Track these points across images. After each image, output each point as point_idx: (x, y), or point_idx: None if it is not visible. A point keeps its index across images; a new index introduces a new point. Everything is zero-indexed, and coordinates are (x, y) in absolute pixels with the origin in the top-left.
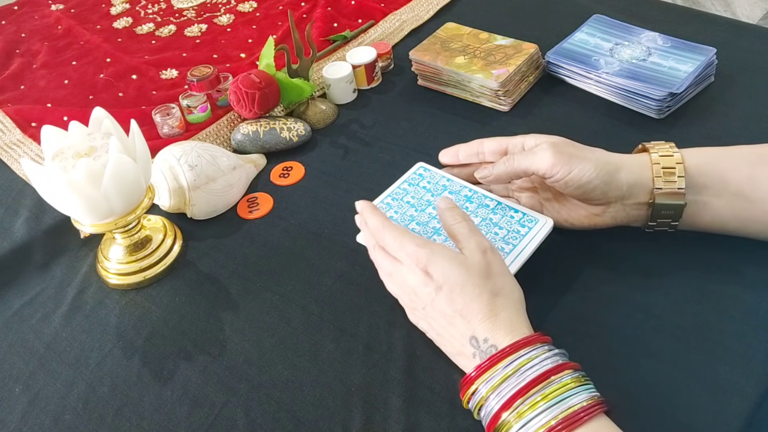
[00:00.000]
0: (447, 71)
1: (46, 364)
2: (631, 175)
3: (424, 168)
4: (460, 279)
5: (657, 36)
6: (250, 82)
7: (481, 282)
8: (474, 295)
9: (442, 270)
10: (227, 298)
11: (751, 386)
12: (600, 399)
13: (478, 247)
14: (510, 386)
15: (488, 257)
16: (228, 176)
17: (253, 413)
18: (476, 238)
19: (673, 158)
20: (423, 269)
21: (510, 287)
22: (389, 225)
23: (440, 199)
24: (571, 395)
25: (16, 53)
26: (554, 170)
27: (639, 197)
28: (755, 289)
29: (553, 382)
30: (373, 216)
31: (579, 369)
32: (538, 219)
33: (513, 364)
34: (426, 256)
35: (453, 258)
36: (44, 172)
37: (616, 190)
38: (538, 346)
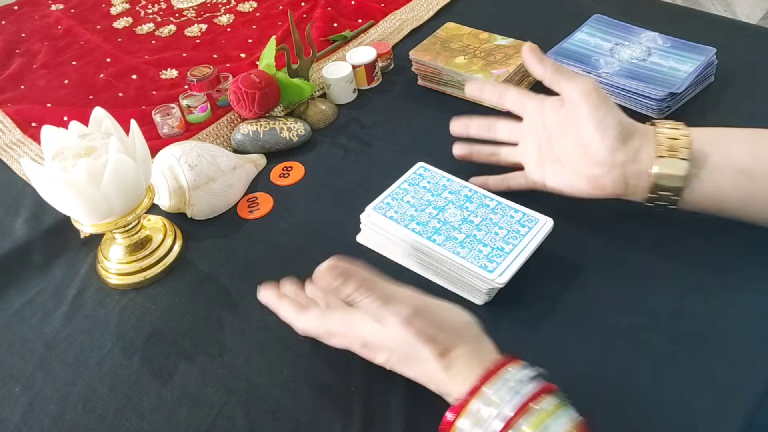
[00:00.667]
0: (447, 71)
1: (46, 364)
2: (640, 142)
3: (424, 168)
4: (400, 351)
5: (657, 36)
6: (250, 82)
7: (420, 349)
8: (420, 360)
9: (378, 344)
10: (227, 298)
11: (751, 386)
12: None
13: (399, 321)
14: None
15: (415, 325)
16: (228, 176)
17: (253, 413)
18: (392, 310)
19: (678, 131)
20: (362, 346)
21: (453, 338)
22: (303, 317)
23: (322, 273)
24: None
25: (16, 53)
26: (586, 100)
27: (642, 163)
28: (755, 289)
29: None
30: (283, 310)
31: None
32: (538, 219)
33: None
34: (358, 337)
35: (381, 333)
36: (44, 172)
37: (624, 150)
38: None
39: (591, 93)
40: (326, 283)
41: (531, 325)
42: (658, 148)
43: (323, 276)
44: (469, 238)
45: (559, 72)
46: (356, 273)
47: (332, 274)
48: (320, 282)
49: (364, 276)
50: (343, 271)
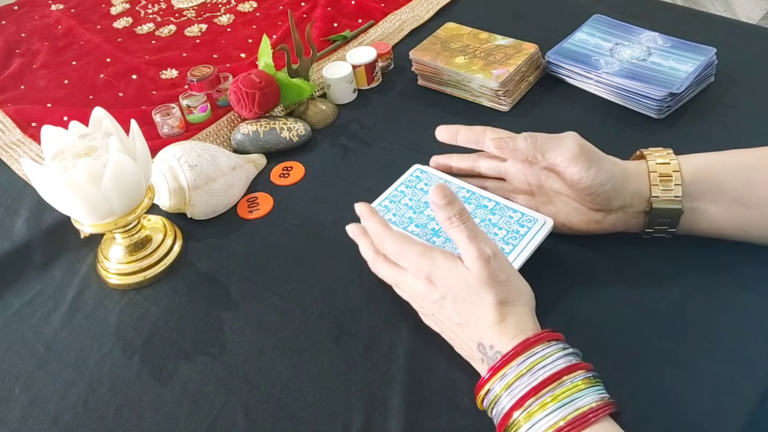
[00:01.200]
0: (447, 71)
1: (46, 364)
2: (634, 186)
3: (421, 170)
4: (463, 288)
5: (657, 36)
6: (250, 82)
7: (485, 291)
8: (478, 303)
9: (444, 279)
10: (227, 298)
11: (751, 386)
12: (609, 400)
13: (480, 256)
14: (522, 385)
15: (491, 266)
16: (228, 176)
17: (253, 413)
18: (476, 245)
19: (669, 166)
20: (426, 278)
21: (516, 293)
22: (389, 231)
23: (433, 189)
24: (581, 396)
25: (16, 53)
26: (574, 164)
27: (638, 206)
28: (755, 289)
29: (565, 382)
30: (372, 221)
31: (591, 369)
32: (537, 219)
33: (526, 362)
34: (427, 266)
35: (454, 267)
36: (44, 172)
37: (620, 200)
38: (552, 344)
39: (578, 156)
40: (435, 199)
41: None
42: (653, 188)
43: (433, 192)
44: None
45: (537, 147)
46: (457, 202)
47: (440, 193)
48: (431, 197)
49: (463, 207)
50: (448, 195)
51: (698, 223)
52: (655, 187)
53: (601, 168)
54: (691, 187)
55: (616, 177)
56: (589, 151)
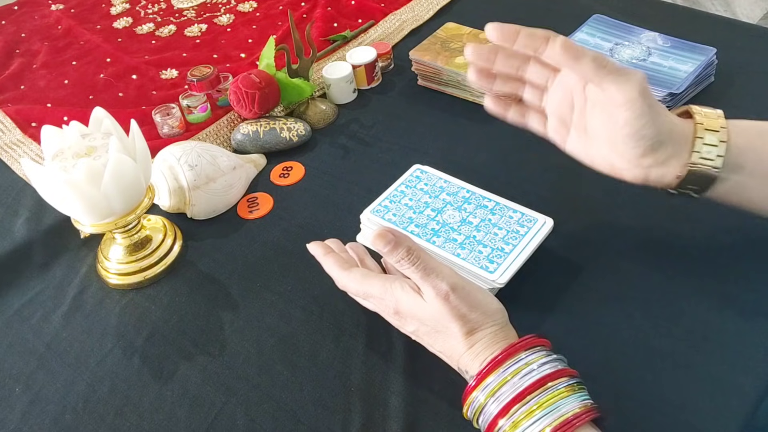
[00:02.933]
0: (447, 71)
1: (46, 364)
2: (671, 149)
3: (420, 170)
4: (430, 322)
5: (657, 36)
6: (250, 82)
7: (450, 324)
8: (447, 334)
9: (411, 314)
10: (227, 298)
11: (751, 386)
12: (592, 406)
13: (437, 294)
14: (508, 391)
15: (450, 301)
16: (228, 176)
17: (253, 413)
18: (431, 283)
19: (716, 135)
20: (395, 313)
21: (483, 318)
22: (346, 273)
23: (373, 239)
24: (564, 403)
25: (16, 53)
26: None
27: (670, 168)
28: (755, 289)
29: (549, 389)
30: (328, 263)
31: (575, 375)
32: (537, 219)
33: (511, 369)
34: (392, 303)
35: (416, 303)
36: (44, 172)
37: (651, 159)
38: (536, 349)
39: (636, 101)
40: (378, 247)
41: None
42: (693, 154)
43: (375, 241)
44: (469, 239)
45: (603, 70)
46: (405, 242)
47: (383, 239)
48: (373, 245)
49: (411, 245)
50: (393, 239)
51: (727, 193)
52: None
53: (654, 122)
54: (732, 159)
55: (661, 135)
56: (649, 98)
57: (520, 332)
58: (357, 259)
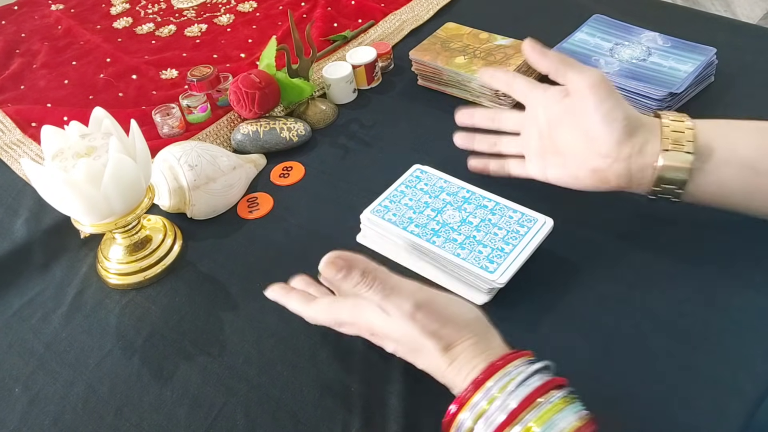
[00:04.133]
0: (447, 71)
1: (46, 364)
2: (646, 135)
3: (420, 170)
4: (405, 341)
5: (657, 36)
6: (250, 82)
7: (423, 342)
8: (424, 352)
9: (385, 334)
10: (227, 299)
11: (751, 386)
12: (588, 417)
13: (402, 315)
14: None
15: (417, 320)
16: (228, 176)
17: (253, 413)
18: (394, 303)
19: (683, 123)
20: (371, 335)
21: (457, 330)
22: (311, 306)
23: (323, 267)
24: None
25: (16, 53)
26: (593, 92)
27: (647, 157)
28: (755, 289)
29: (542, 404)
30: (291, 301)
31: (563, 385)
32: (537, 219)
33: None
34: (366, 325)
35: (387, 324)
36: (44, 172)
37: (629, 144)
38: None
39: (599, 85)
40: (329, 276)
41: (531, 325)
42: (663, 141)
43: (325, 269)
44: (469, 239)
45: (565, 63)
46: (358, 264)
47: (334, 267)
48: (324, 274)
49: (366, 267)
50: (344, 264)
51: (707, 185)
52: (666, 140)
53: (619, 105)
54: (703, 146)
55: (633, 119)
56: (609, 86)
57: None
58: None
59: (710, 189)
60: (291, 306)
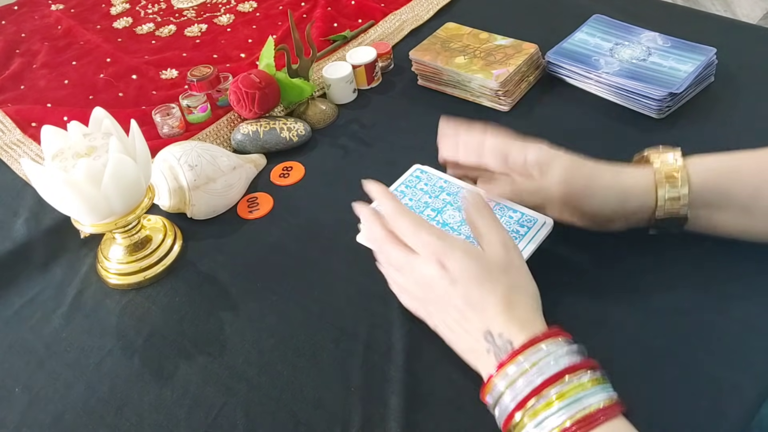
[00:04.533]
0: (447, 71)
1: (46, 364)
2: (636, 202)
3: (421, 170)
4: (478, 272)
5: (657, 36)
6: (250, 82)
7: (499, 277)
8: (490, 289)
9: (459, 263)
10: (227, 299)
11: (751, 386)
12: (618, 400)
13: (500, 241)
14: (525, 384)
15: (510, 253)
16: (228, 176)
17: (253, 413)
18: (499, 231)
19: (677, 178)
20: (439, 261)
21: (526, 283)
22: (405, 211)
23: (469, 194)
24: (588, 395)
25: (16, 53)
26: (565, 204)
27: (643, 215)
28: (755, 289)
29: (568, 381)
30: (387, 200)
31: (597, 368)
32: (537, 219)
33: (530, 360)
34: (443, 248)
35: (471, 251)
36: (44, 172)
37: (621, 218)
38: (557, 341)
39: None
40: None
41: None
42: (659, 199)
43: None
44: (469, 239)
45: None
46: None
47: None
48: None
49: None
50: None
51: (702, 226)
52: (661, 198)
53: (594, 201)
54: (698, 196)
55: (616, 200)
56: (576, 184)
57: None
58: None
59: (707, 228)
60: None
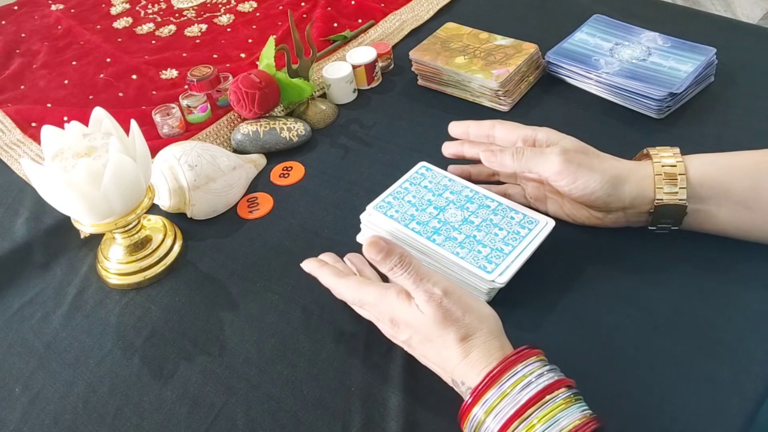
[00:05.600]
0: (447, 71)
1: (46, 364)
2: (634, 189)
3: (426, 167)
4: (423, 330)
5: (657, 36)
6: (250, 82)
7: (444, 331)
8: (441, 342)
9: (405, 322)
10: (227, 298)
11: (751, 386)
12: (591, 416)
13: (430, 298)
14: (507, 407)
15: (444, 305)
16: (228, 176)
17: (253, 413)
18: (423, 288)
19: (675, 168)
20: (389, 321)
21: (477, 323)
22: (342, 281)
23: (366, 247)
24: (564, 415)
25: (16, 53)
26: (559, 177)
27: (640, 207)
28: (755, 289)
29: (548, 402)
30: (323, 274)
31: (572, 386)
32: (538, 220)
33: (509, 382)
34: (387, 310)
35: (409, 310)
36: (44, 172)
37: (618, 202)
38: (531, 361)
39: (562, 171)
40: (371, 255)
41: (531, 325)
42: (657, 191)
43: (368, 248)
44: (469, 238)
45: (525, 157)
46: (397, 249)
47: (376, 247)
48: (366, 253)
49: (403, 253)
50: (384, 247)
51: (701, 223)
52: (660, 189)
53: (590, 177)
54: (696, 191)
55: (611, 182)
56: (574, 162)
57: (521, 333)
58: (356, 270)
59: (705, 227)
60: (323, 277)
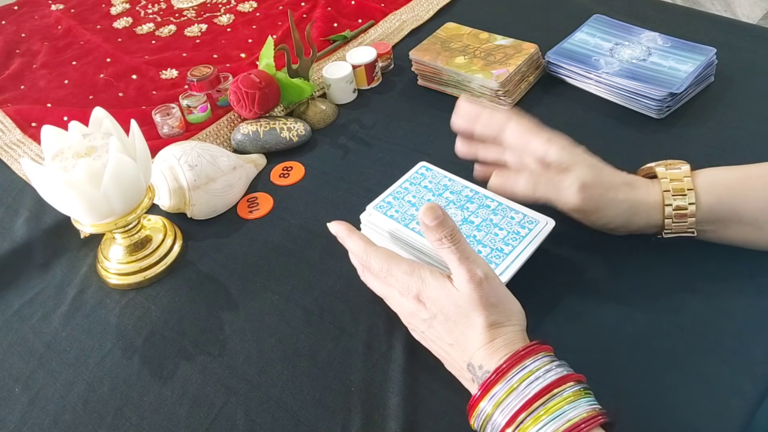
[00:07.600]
0: (447, 71)
1: (46, 364)
2: (644, 219)
3: (426, 167)
4: (453, 309)
5: (657, 36)
6: (250, 82)
7: (475, 313)
8: (468, 324)
9: (434, 299)
10: (227, 298)
11: (751, 386)
12: (599, 410)
13: (471, 278)
14: (514, 401)
15: (482, 288)
16: (228, 176)
17: (253, 413)
18: (467, 266)
19: (686, 197)
20: (415, 297)
21: (507, 314)
22: (373, 248)
23: (423, 210)
24: (571, 408)
25: (16, 53)
26: (576, 212)
27: (648, 231)
28: (755, 289)
29: (556, 395)
30: (352, 239)
31: (582, 381)
32: (538, 220)
33: (516, 378)
34: (416, 285)
35: (443, 288)
36: (44, 172)
37: (627, 228)
38: (540, 356)
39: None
40: (427, 219)
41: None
42: (666, 222)
43: (425, 212)
44: (469, 238)
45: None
46: (449, 222)
47: (432, 214)
48: (422, 217)
49: (454, 227)
50: (440, 216)
51: (708, 238)
52: (669, 220)
53: (607, 214)
54: (706, 216)
55: (624, 214)
56: (593, 201)
57: None
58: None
59: (713, 240)
60: (353, 243)
